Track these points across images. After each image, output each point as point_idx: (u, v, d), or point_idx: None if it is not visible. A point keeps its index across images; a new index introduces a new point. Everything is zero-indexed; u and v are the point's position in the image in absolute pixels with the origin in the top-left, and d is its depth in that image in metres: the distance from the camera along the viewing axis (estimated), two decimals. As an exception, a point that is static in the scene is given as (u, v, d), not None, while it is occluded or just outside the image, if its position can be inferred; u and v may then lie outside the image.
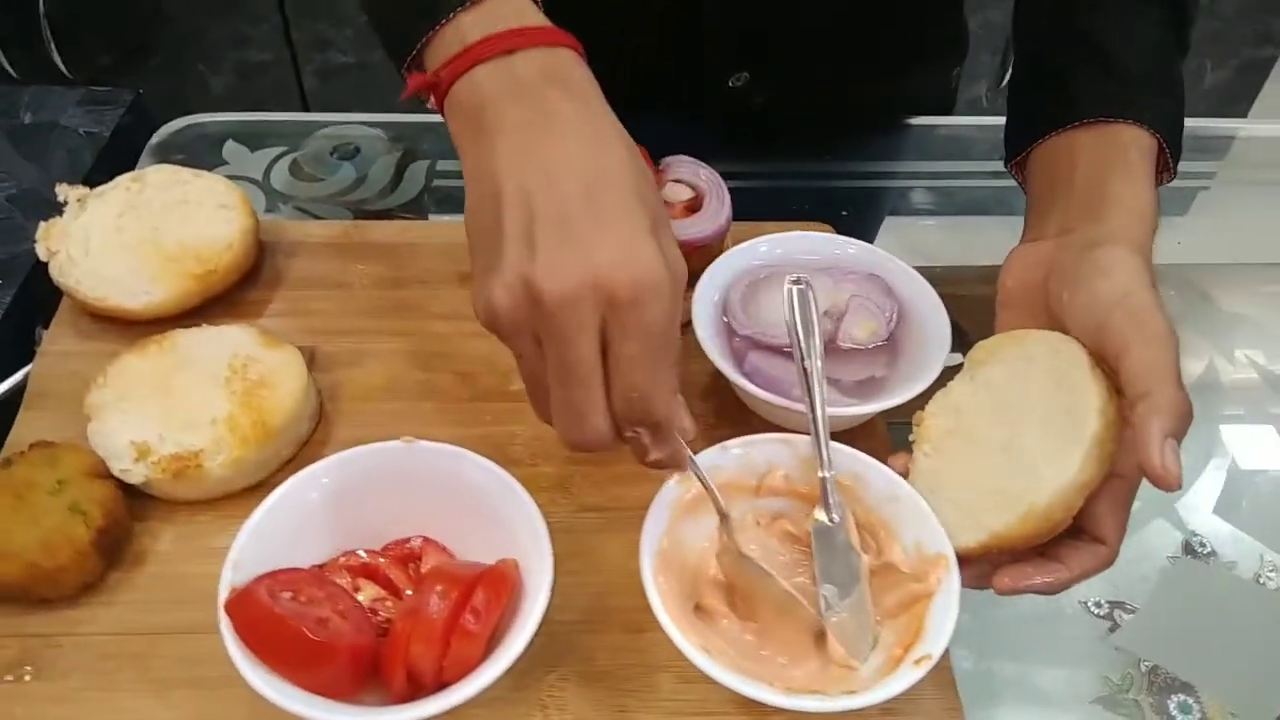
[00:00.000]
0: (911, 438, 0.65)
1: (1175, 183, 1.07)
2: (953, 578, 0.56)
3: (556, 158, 0.49)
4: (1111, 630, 0.72)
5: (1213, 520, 0.77)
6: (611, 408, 0.50)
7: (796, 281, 0.66)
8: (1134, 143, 0.67)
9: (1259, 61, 2.16)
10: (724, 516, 0.60)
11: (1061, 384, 0.59)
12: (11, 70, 2.00)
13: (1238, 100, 2.23)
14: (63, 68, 2.00)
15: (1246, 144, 1.13)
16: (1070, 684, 0.71)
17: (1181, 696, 0.70)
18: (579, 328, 0.47)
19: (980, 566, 0.58)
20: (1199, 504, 0.78)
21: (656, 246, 0.48)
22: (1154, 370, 0.55)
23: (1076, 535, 0.58)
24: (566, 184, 0.48)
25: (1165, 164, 0.69)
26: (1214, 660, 0.72)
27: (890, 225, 1.12)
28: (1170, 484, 0.52)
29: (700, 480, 0.59)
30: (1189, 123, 0.71)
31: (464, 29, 0.53)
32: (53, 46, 1.97)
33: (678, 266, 0.49)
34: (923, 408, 0.66)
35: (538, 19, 0.54)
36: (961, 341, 0.90)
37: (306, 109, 2.14)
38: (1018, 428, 0.60)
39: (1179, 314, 0.91)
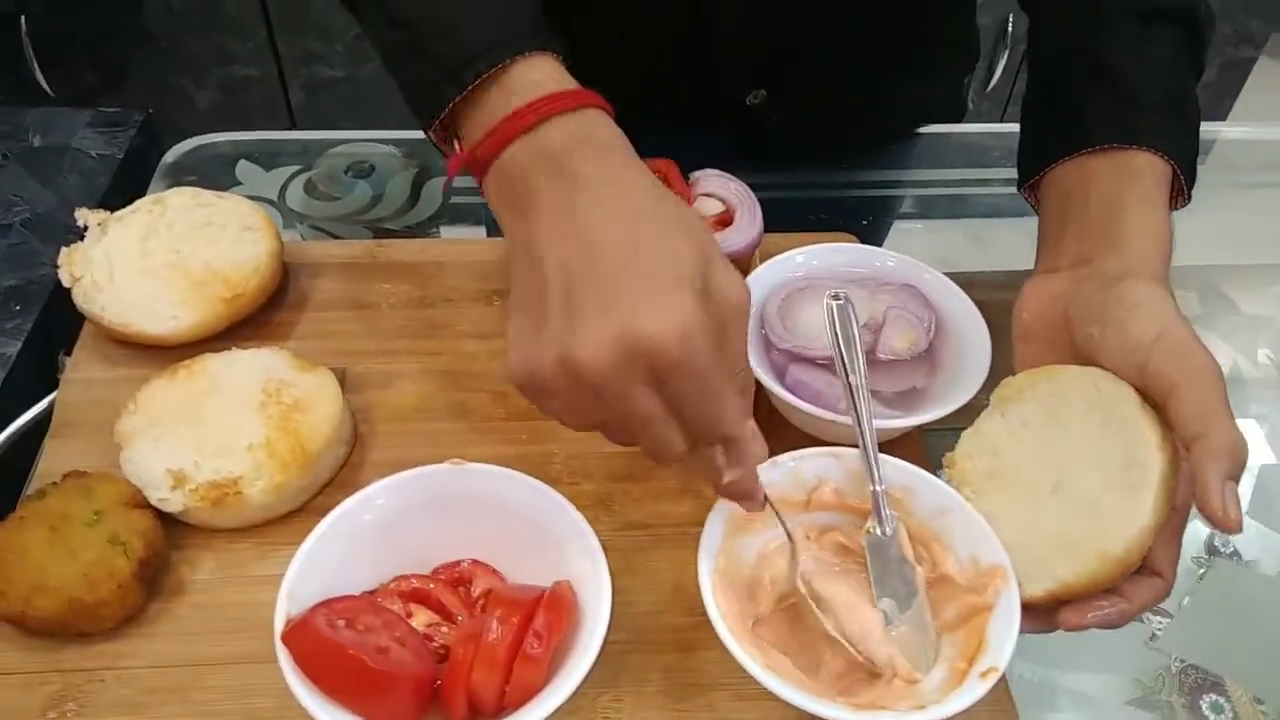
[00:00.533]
0: (945, 477, 0.64)
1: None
2: (1011, 589, 0.56)
3: (591, 227, 0.49)
4: (1148, 637, 0.72)
5: (1251, 512, 0.78)
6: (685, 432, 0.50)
7: (835, 297, 0.66)
8: (1148, 169, 0.66)
9: (1239, 61, 2.20)
10: (794, 545, 0.60)
11: (1109, 422, 0.58)
12: (-7, 89, 1.98)
13: (1220, 99, 2.27)
14: (46, 87, 1.97)
15: (1227, 146, 1.14)
16: (1104, 687, 0.71)
17: (1213, 696, 0.71)
18: (626, 389, 0.47)
19: (1041, 612, 0.58)
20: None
21: (692, 293, 0.47)
22: (1206, 410, 0.54)
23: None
24: (602, 251, 0.48)
25: (1180, 188, 0.69)
26: (1246, 656, 0.72)
27: (906, 232, 1.13)
28: (1232, 529, 0.52)
29: (773, 511, 0.59)
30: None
31: (492, 101, 0.54)
32: (36, 66, 1.94)
33: (731, 295, 0.49)
34: (951, 448, 0.66)
35: (559, 81, 0.54)
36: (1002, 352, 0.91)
37: (293, 124, 2.12)
38: (1068, 470, 0.59)
39: (1201, 315, 0.93)
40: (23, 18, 1.90)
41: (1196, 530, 0.77)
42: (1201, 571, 0.76)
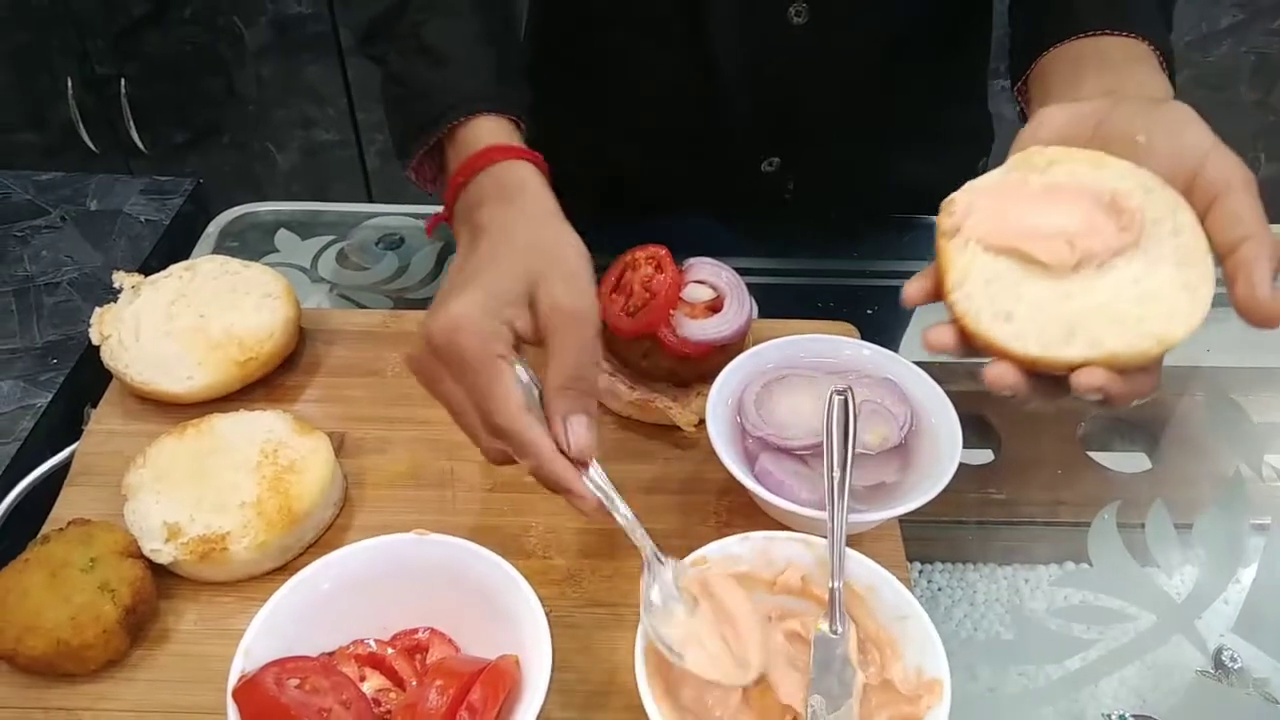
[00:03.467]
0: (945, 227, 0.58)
1: (1219, 288, 1.06)
2: (943, 707, 0.56)
3: (466, 263, 0.64)
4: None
5: (1242, 631, 0.76)
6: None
7: (840, 391, 0.67)
8: (1148, 54, 0.68)
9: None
10: (648, 562, 0.62)
11: (1162, 221, 0.55)
12: (92, 145, 2.12)
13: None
14: (139, 144, 2.11)
15: None
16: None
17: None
18: (432, 377, 0.62)
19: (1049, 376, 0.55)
20: (1229, 614, 0.77)
21: (479, 300, 0.59)
22: (1255, 212, 0.55)
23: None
24: (458, 276, 0.63)
25: None
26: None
27: (919, 317, 1.13)
28: (1273, 323, 0.52)
29: (615, 515, 0.62)
30: None
31: (448, 157, 0.70)
32: (131, 124, 2.08)
33: (563, 304, 0.60)
34: (930, 541, 0.65)
35: (497, 137, 0.68)
36: (989, 438, 0.91)
37: (368, 187, 2.22)
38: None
39: (1208, 420, 0.91)
40: (122, 80, 2.04)
41: (1201, 643, 0.75)
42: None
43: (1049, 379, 0.54)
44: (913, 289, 0.58)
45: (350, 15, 1.80)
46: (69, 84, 2.04)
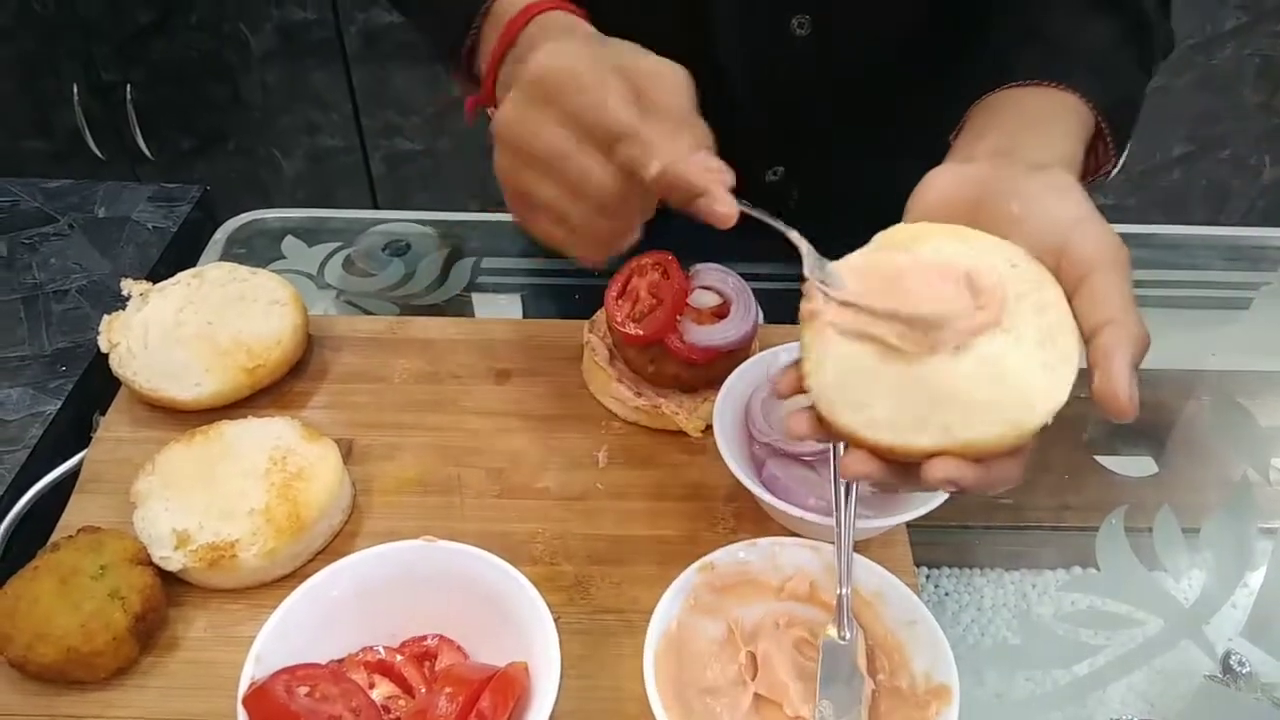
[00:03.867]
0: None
1: (1223, 292, 1.06)
2: (952, 712, 0.57)
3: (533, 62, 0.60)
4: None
5: (1251, 636, 0.76)
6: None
7: None
8: (1075, 106, 0.65)
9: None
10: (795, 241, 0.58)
11: (1024, 297, 0.53)
12: (99, 151, 2.13)
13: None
14: (145, 150, 2.12)
15: None
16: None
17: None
18: (537, 127, 0.58)
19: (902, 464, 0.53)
20: (1237, 619, 0.77)
21: (580, 44, 0.59)
22: (1120, 295, 0.53)
23: None
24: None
25: (1106, 152, 0.67)
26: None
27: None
28: (1129, 415, 0.50)
29: (752, 212, 0.58)
30: (1238, 232, 0.69)
31: (486, 37, 0.67)
32: (138, 130, 2.08)
33: (647, 64, 0.60)
34: (935, 545, 0.65)
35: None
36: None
37: (373, 193, 2.23)
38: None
39: (1214, 424, 0.91)
40: (128, 86, 2.05)
41: (1210, 648, 0.75)
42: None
43: (909, 466, 0.52)
44: (783, 383, 0.56)
45: None
46: (75, 91, 2.05)
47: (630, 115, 0.56)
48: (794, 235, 0.58)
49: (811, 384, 0.53)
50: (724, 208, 0.56)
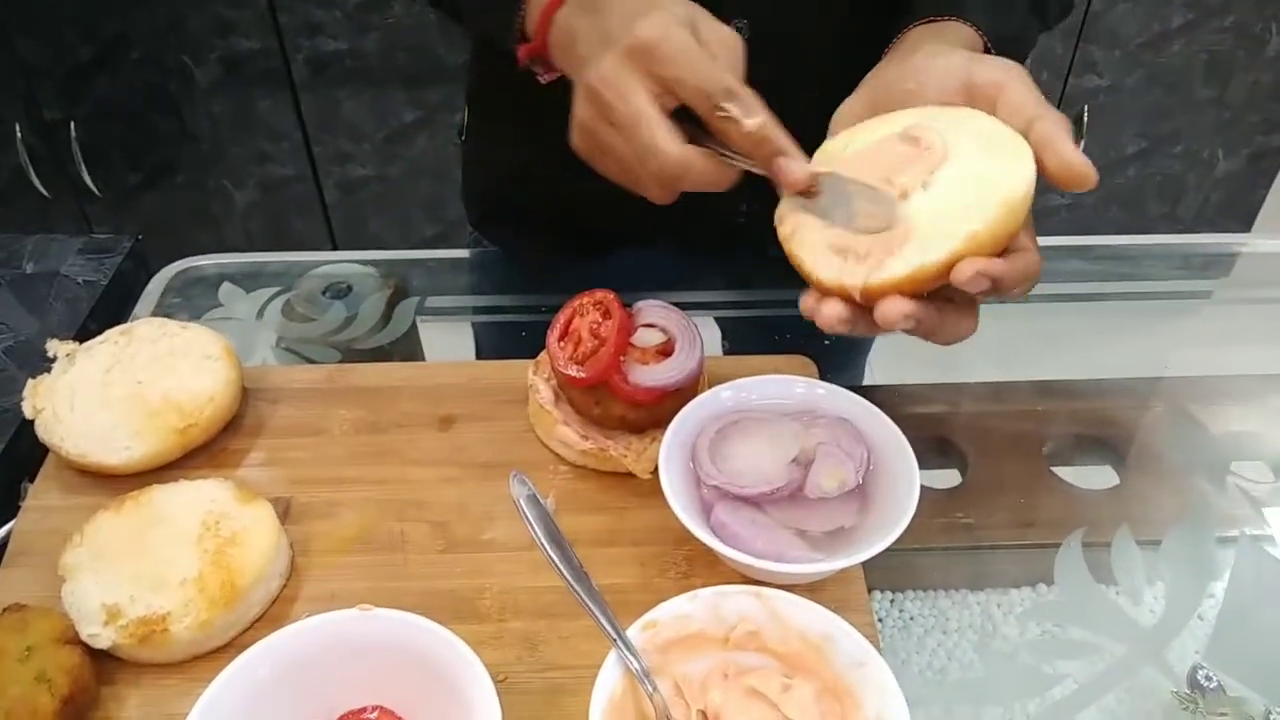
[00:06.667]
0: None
1: (1173, 299, 1.06)
2: None
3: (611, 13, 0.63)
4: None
5: (1215, 651, 0.75)
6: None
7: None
8: (967, 34, 0.69)
9: (1269, 149, 2.16)
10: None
11: (960, 124, 0.60)
12: (44, 190, 2.09)
13: (1253, 189, 2.23)
14: (92, 187, 2.08)
15: (1249, 260, 1.11)
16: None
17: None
18: (627, 89, 0.61)
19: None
20: (1203, 633, 0.76)
21: (671, 15, 0.61)
22: (1035, 95, 0.59)
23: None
24: (611, 23, 0.63)
25: None
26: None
27: (880, 344, 1.12)
28: (1092, 180, 0.56)
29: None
30: (1187, 239, 0.70)
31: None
32: (83, 167, 2.05)
33: (718, 34, 0.63)
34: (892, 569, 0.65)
35: None
36: (954, 459, 0.89)
37: (328, 220, 2.20)
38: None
39: (1171, 432, 0.90)
40: (71, 123, 2.01)
41: (1178, 664, 0.74)
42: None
43: (938, 293, 0.57)
44: (807, 302, 0.61)
45: None
46: (18, 130, 2.01)
47: (730, 77, 0.61)
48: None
49: (818, 267, 0.60)
50: (800, 169, 0.61)
